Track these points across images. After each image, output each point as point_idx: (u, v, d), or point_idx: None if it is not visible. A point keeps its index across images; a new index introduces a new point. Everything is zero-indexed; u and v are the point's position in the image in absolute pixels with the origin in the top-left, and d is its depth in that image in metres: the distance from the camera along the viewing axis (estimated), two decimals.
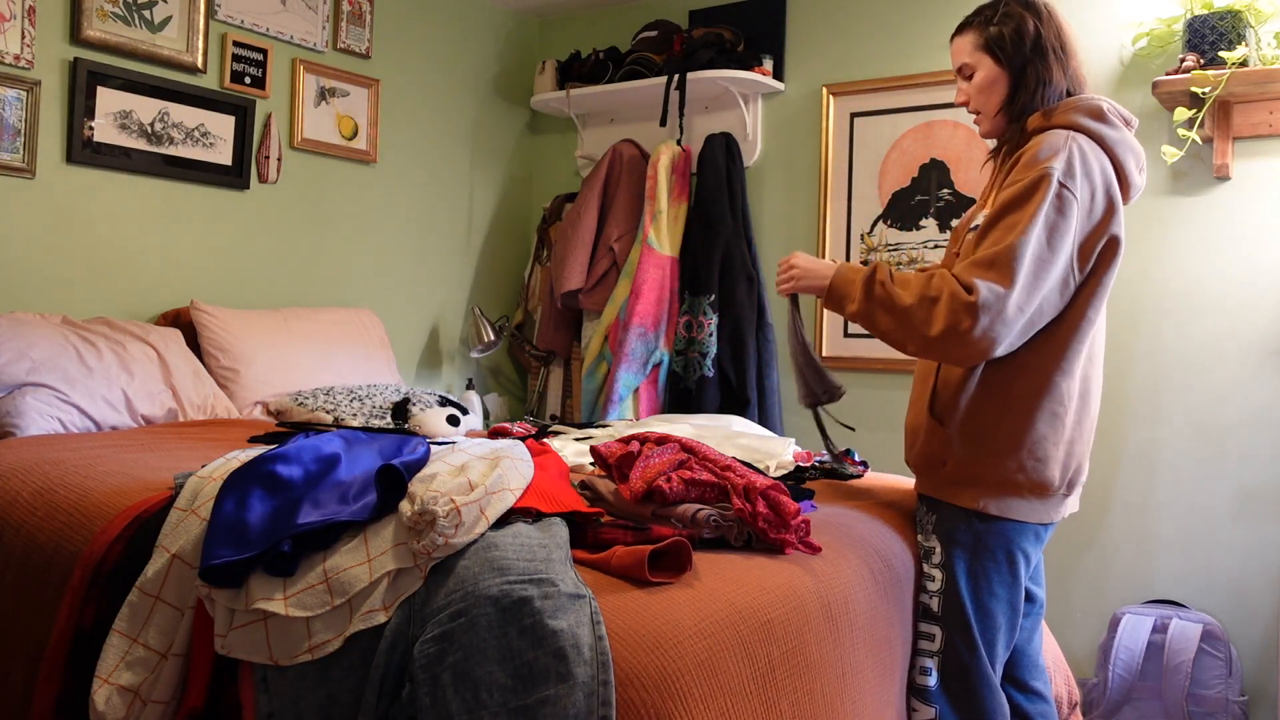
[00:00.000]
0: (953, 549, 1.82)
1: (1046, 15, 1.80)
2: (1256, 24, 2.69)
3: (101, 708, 1.42)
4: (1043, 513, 1.81)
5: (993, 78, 1.82)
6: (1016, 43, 1.78)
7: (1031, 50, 1.78)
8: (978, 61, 1.83)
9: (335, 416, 2.62)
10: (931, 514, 1.86)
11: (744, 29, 3.68)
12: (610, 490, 1.67)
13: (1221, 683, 2.66)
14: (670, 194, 3.62)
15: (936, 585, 1.83)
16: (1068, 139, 1.70)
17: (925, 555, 1.87)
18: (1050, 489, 1.78)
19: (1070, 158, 1.68)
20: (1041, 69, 1.78)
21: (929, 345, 1.68)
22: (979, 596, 1.81)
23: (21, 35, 2.68)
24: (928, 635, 1.83)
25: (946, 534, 1.83)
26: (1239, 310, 2.83)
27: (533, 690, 1.20)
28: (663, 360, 3.55)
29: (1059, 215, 1.65)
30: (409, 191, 3.79)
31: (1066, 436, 1.78)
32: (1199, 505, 2.88)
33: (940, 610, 1.82)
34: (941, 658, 1.81)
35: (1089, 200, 1.69)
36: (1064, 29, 1.81)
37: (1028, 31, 1.78)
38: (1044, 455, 1.76)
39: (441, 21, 3.90)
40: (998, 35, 1.80)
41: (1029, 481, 1.76)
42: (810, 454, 2.44)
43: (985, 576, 1.81)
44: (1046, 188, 1.65)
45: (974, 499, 1.79)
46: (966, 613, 1.80)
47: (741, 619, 1.37)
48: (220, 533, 1.42)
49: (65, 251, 2.81)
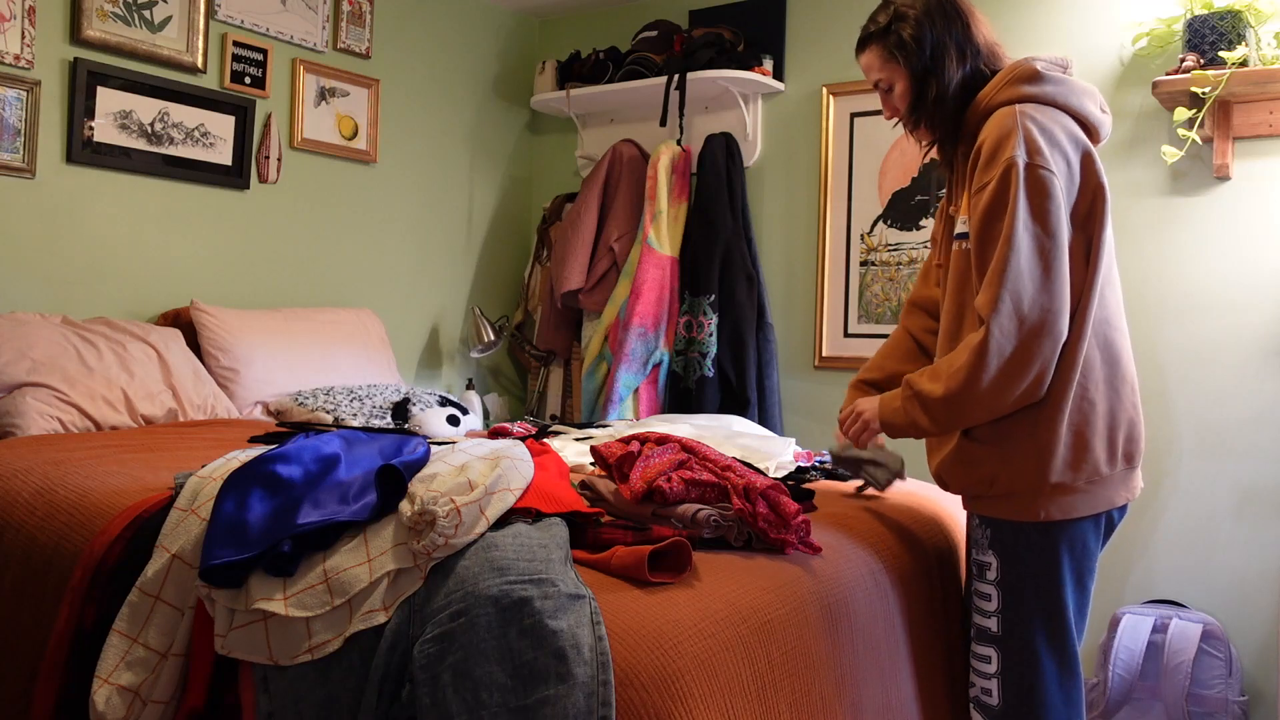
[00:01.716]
0: (1014, 565, 1.69)
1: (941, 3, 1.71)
2: (1256, 24, 2.69)
3: (101, 708, 1.42)
4: (1106, 498, 1.69)
5: (903, 89, 1.74)
6: (916, 41, 1.70)
7: (930, 44, 1.70)
8: (890, 74, 1.75)
9: (335, 416, 2.62)
10: (986, 528, 1.73)
11: (744, 29, 3.68)
12: (610, 490, 1.67)
13: (1221, 683, 2.66)
14: (670, 194, 3.62)
15: (993, 605, 1.71)
16: (1014, 116, 1.61)
17: (979, 571, 1.75)
18: (1102, 471, 1.66)
19: (1027, 133, 1.59)
20: (941, 62, 1.70)
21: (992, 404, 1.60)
22: (1046, 609, 1.68)
23: (21, 35, 2.68)
24: (984, 657, 1.73)
25: (1007, 549, 1.70)
26: (1239, 310, 2.83)
27: (533, 690, 1.20)
28: (663, 360, 3.55)
29: (1042, 197, 1.57)
30: (409, 191, 3.79)
31: (1103, 408, 1.66)
32: (1199, 505, 2.88)
33: (1000, 630, 1.71)
34: (1003, 680, 1.70)
35: (1065, 165, 1.62)
36: (957, 4, 1.72)
37: (919, 24, 1.70)
38: (1085, 436, 1.64)
39: (441, 21, 3.90)
40: (897, 41, 1.71)
41: (1080, 471, 1.65)
42: (810, 454, 2.44)
43: (1050, 585, 1.68)
44: (1016, 177, 1.57)
45: (1034, 511, 1.66)
46: (1032, 629, 1.68)
47: (741, 619, 1.37)
48: (220, 533, 1.42)
49: (65, 251, 2.82)
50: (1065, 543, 1.69)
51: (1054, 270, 1.57)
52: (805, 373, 3.59)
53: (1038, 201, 1.57)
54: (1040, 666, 1.69)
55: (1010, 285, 1.56)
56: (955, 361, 1.61)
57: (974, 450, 1.70)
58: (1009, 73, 1.69)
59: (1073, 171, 1.63)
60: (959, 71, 1.71)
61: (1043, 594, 1.69)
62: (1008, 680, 1.70)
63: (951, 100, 1.71)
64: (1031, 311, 1.56)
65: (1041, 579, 1.69)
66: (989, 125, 1.65)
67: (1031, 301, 1.56)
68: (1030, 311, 1.56)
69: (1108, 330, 1.71)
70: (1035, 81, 1.66)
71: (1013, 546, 1.70)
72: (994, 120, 1.64)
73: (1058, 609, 1.69)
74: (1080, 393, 1.64)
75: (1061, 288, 1.58)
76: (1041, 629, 1.69)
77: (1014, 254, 1.56)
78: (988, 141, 1.63)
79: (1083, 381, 1.65)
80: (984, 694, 1.74)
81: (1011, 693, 1.70)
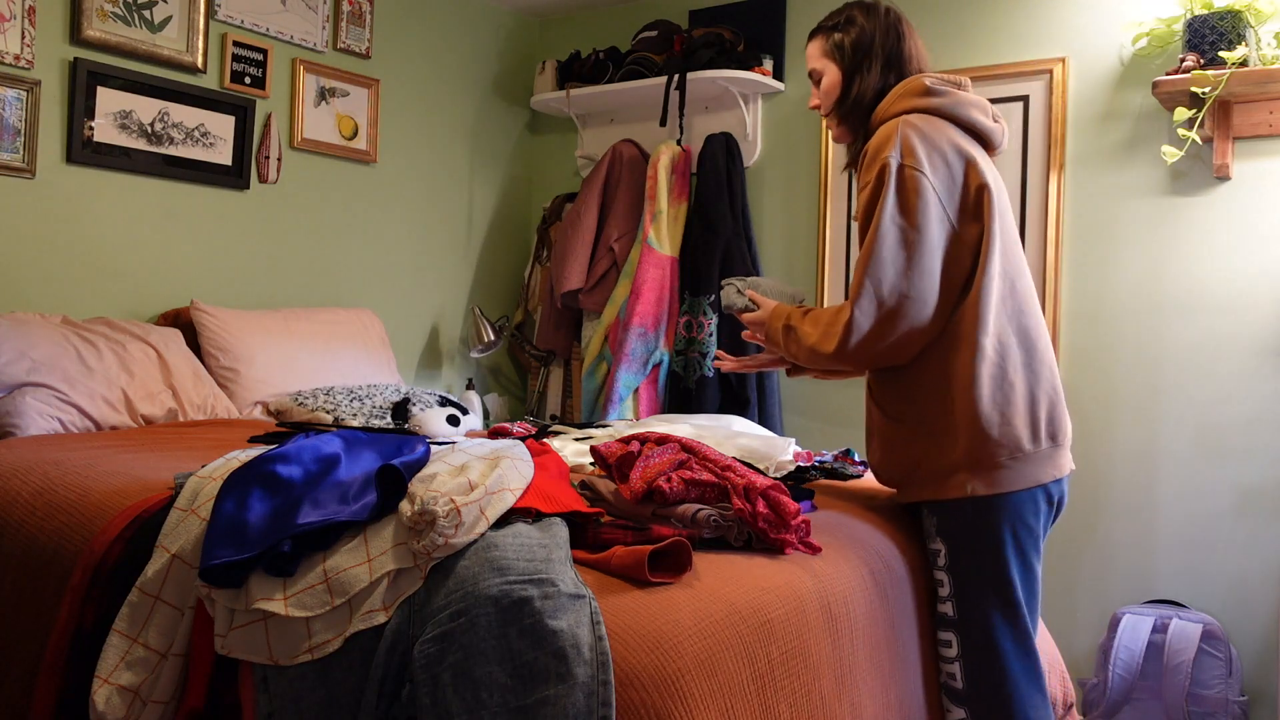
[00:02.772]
0: (955, 546, 1.80)
1: (883, 17, 1.90)
2: (1256, 24, 2.69)
3: (101, 708, 1.42)
4: (1032, 474, 1.77)
5: (834, 81, 1.93)
6: (855, 46, 1.89)
7: (864, 53, 1.89)
8: (824, 67, 1.94)
9: (335, 416, 2.62)
10: (933, 516, 1.85)
11: (744, 29, 3.68)
12: (610, 490, 1.67)
13: (1221, 683, 2.66)
14: (670, 194, 3.62)
15: (947, 590, 1.81)
16: (897, 125, 1.78)
17: (932, 559, 1.85)
18: (1025, 448, 1.76)
19: (904, 140, 1.75)
20: (866, 70, 1.89)
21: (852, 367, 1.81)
22: (995, 587, 1.78)
23: (21, 35, 2.68)
24: (945, 642, 1.81)
25: (948, 532, 1.81)
26: (1239, 310, 2.83)
27: (533, 690, 1.20)
28: (663, 360, 3.55)
29: (911, 193, 1.72)
30: (409, 191, 3.79)
31: (1021, 389, 1.77)
32: (1199, 505, 2.88)
33: (956, 614, 1.80)
34: (963, 663, 1.79)
35: (943, 164, 1.76)
36: (902, 29, 1.91)
37: (864, 34, 1.89)
38: (1006, 415, 1.75)
39: (441, 21, 3.90)
40: (839, 41, 1.91)
41: (1002, 447, 1.75)
42: (810, 454, 2.44)
43: (995, 564, 1.78)
44: (888, 176, 1.73)
45: (961, 486, 1.77)
46: (985, 609, 1.78)
47: (741, 619, 1.37)
48: (220, 533, 1.42)
49: (65, 251, 2.82)
50: (1003, 519, 1.78)
51: (916, 260, 1.72)
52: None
53: (905, 198, 1.73)
54: (999, 646, 1.77)
55: (873, 272, 1.72)
56: (825, 322, 1.79)
57: (895, 433, 1.85)
58: (901, 88, 1.86)
59: (954, 174, 1.77)
60: (880, 82, 1.89)
61: (988, 572, 1.79)
62: (968, 663, 1.79)
63: (866, 104, 1.90)
64: (890, 297, 1.72)
65: (985, 557, 1.78)
66: (877, 134, 1.82)
67: (891, 287, 1.72)
68: (889, 297, 1.72)
69: (1021, 318, 1.82)
70: (923, 94, 1.83)
71: (955, 529, 1.80)
72: (881, 129, 1.82)
73: (1006, 587, 1.78)
74: (1000, 374, 1.76)
75: (922, 277, 1.73)
76: (995, 609, 1.78)
77: (879, 244, 1.72)
78: (871, 147, 1.80)
79: (1000, 364, 1.77)
80: (950, 679, 1.81)
81: (974, 675, 1.78)
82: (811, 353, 1.82)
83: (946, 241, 1.75)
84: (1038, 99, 3.14)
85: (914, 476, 1.84)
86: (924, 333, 1.75)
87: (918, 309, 1.72)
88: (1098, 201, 3.05)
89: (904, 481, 1.88)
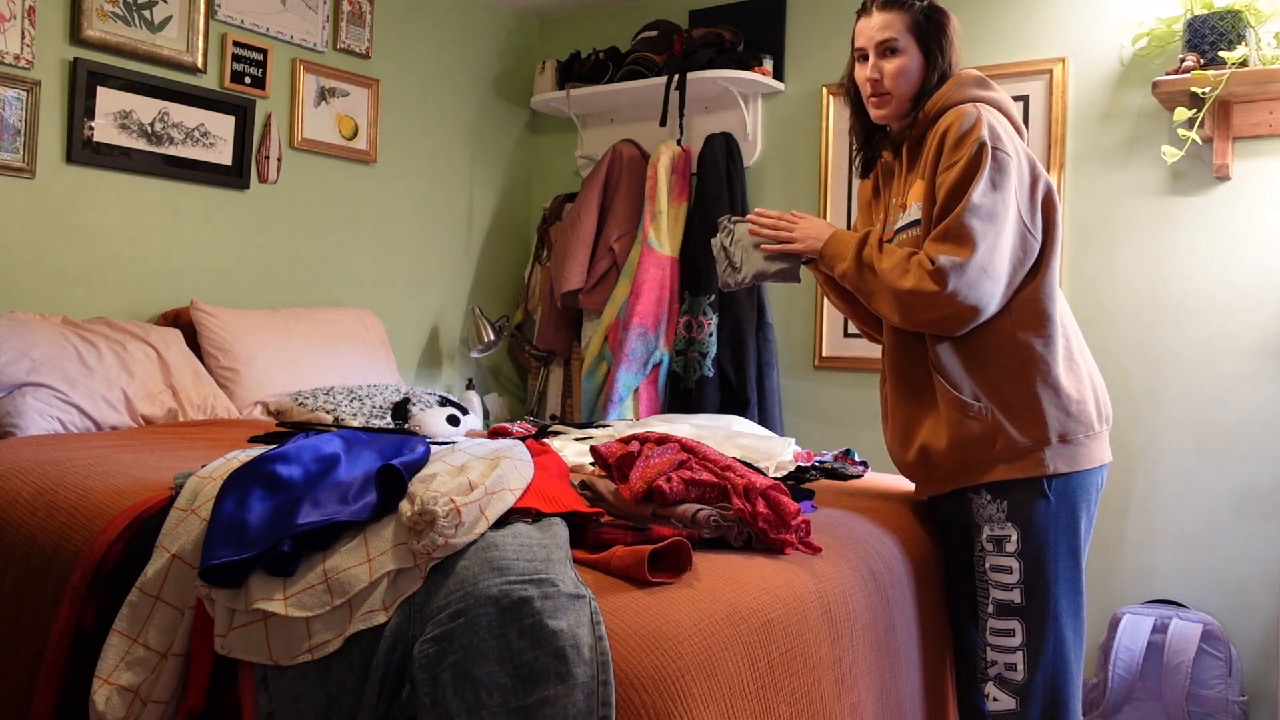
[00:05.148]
0: (1032, 528, 1.77)
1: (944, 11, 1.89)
2: (1256, 24, 2.69)
3: (101, 708, 1.42)
4: (1100, 453, 1.82)
5: (916, 60, 1.86)
6: (938, 29, 1.86)
7: (944, 35, 1.87)
8: (907, 45, 1.86)
9: (335, 416, 2.62)
10: (1000, 499, 1.79)
11: (744, 29, 3.68)
12: (610, 490, 1.67)
13: (1221, 683, 2.66)
14: (670, 194, 3.62)
15: (1015, 577, 1.78)
16: (977, 109, 1.78)
17: (996, 546, 1.80)
18: (1095, 426, 1.81)
19: (991, 126, 1.76)
20: (942, 54, 1.87)
21: (904, 305, 1.75)
22: (1067, 571, 1.78)
23: (21, 35, 2.68)
24: (1006, 631, 1.78)
25: (1025, 516, 1.77)
26: (1239, 310, 2.83)
27: (533, 690, 1.20)
28: (663, 360, 3.55)
29: (1000, 174, 1.73)
30: (409, 191, 3.79)
31: (1085, 371, 1.83)
32: (1199, 505, 2.88)
33: (1024, 600, 1.78)
34: (1028, 651, 1.77)
35: (1018, 157, 1.78)
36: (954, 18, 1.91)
37: (943, 20, 1.87)
38: (1081, 393, 1.79)
39: (441, 21, 3.90)
40: (925, 22, 1.86)
41: (1080, 424, 1.77)
42: (810, 454, 2.44)
43: (1070, 545, 1.78)
44: (985, 155, 1.72)
45: (1041, 464, 1.75)
46: (1055, 595, 1.77)
47: (741, 619, 1.37)
48: (220, 533, 1.42)
49: (65, 251, 2.82)
50: (1080, 498, 1.79)
51: (1000, 239, 1.72)
52: (805, 373, 3.59)
53: (996, 178, 1.73)
54: (1062, 632, 1.78)
55: (970, 235, 1.69)
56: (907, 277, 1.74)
57: (967, 413, 1.79)
58: (959, 78, 1.86)
59: (1022, 163, 1.79)
60: (945, 69, 1.88)
61: (1063, 555, 1.78)
62: (1032, 650, 1.78)
63: (934, 88, 1.86)
64: (975, 267, 1.69)
65: (1062, 539, 1.78)
66: (949, 116, 1.80)
67: (979, 259, 1.70)
68: (974, 266, 1.69)
69: (1067, 308, 1.89)
70: (985, 87, 1.86)
71: (1033, 511, 1.77)
72: (955, 112, 1.80)
73: (1075, 570, 1.79)
74: (1069, 355, 1.80)
75: (999, 255, 1.72)
76: (1064, 594, 1.78)
77: (971, 214, 1.70)
78: (953, 129, 1.77)
79: (1068, 346, 1.81)
80: (1007, 669, 1.79)
81: (1037, 662, 1.77)
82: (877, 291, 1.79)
83: (1017, 228, 1.76)
84: (1038, 99, 3.14)
85: (986, 457, 1.78)
86: (988, 312, 1.74)
87: (992, 286, 1.72)
88: (1098, 201, 3.05)
89: (974, 464, 1.80)
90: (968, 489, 1.84)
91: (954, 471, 1.83)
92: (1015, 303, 1.78)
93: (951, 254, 1.69)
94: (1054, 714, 1.78)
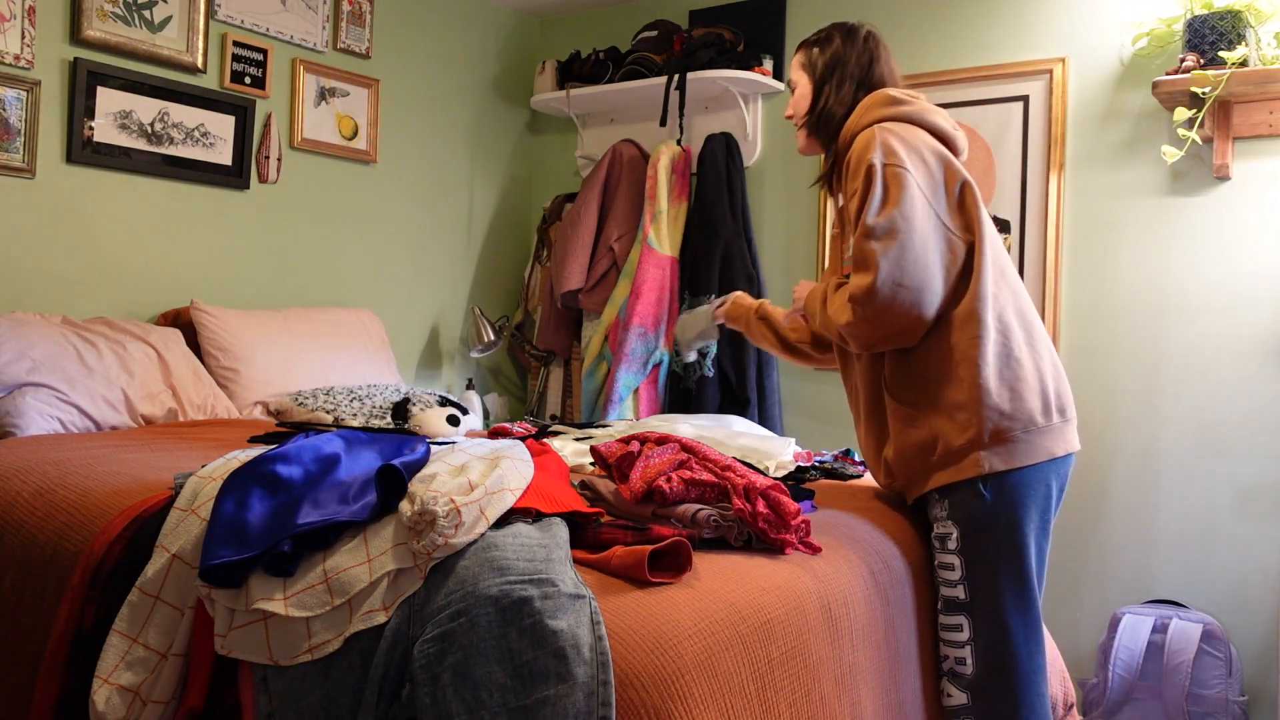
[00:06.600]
0: (969, 527, 1.81)
1: (860, 39, 2.00)
2: (1256, 24, 2.69)
3: (101, 708, 1.42)
4: (1046, 447, 1.81)
5: (805, 93, 2.03)
6: (829, 62, 2.00)
7: (836, 69, 1.99)
8: (799, 79, 2.05)
9: (335, 416, 2.62)
10: (943, 499, 1.84)
11: (744, 29, 3.68)
12: (610, 490, 1.67)
13: (1221, 683, 2.66)
14: (670, 194, 3.62)
15: (957, 573, 1.82)
16: (875, 132, 1.85)
17: (940, 544, 1.85)
18: (1038, 421, 1.81)
19: (884, 143, 1.81)
20: (837, 86, 1.98)
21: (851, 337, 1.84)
22: (1009, 567, 1.79)
23: (21, 35, 2.68)
24: (954, 626, 1.82)
25: (963, 515, 1.81)
26: (1239, 310, 2.83)
27: (533, 690, 1.20)
28: (663, 360, 3.55)
29: (895, 189, 1.78)
30: (409, 191, 3.79)
31: (1029, 365, 1.83)
32: (1199, 505, 2.88)
33: (968, 596, 1.80)
34: (974, 645, 1.80)
35: (923, 164, 1.82)
36: (877, 52, 2.01)
37: (840, 52, 1.99)
38: (1017, 390, 1.80)
39: (441, 21, 3.90)
40: (816, 56, 2.02)
41: (1016, 421, 1.78)
42: (810, 454, 2.44)
43: (1010, 541, 1.79)
44: (875, 175, 1.79)
45: (976, 465, 1.78)
46: (998, 590, 1.79)
47: (741, 619, 1.37)
48: (220, 533, 1.42)
49: (65, 251, 2.82)
50: (1018, 496, 1.80)
51: (907, 249, 1.76)
52: (805, 373, 3.59)
53: (892, 193, 1.78)
54: (1010, 628, 1.79)
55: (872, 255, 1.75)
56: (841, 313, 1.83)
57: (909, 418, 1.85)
58: (868, 100, 1.94)
59: (931, 168, 1.83)
60: (850, 100, 1.98)
61: (1003, 551, 1.81)
62: (979, 645, 1.80)
63: (836, 120, 1.98)
64: (885, 285, 1.74)
65: (1000, 536, 1.80)
66: (856, 142, 1.89)
67: (886, 275, 1.74)
68: (883, 285, 1.74)
69: (1017, 301, 1.89)
70: (891, 104, 1.91)
71: (971, 510, 1.81)
72: (859, 139, 1.88)
73: (1020, 566, 1.81)
74: (1005, 351, 1.82)
75: (915, 265, 1.76)
76: (1008, 589, 1.80)
77: (872, 235, 1.76)
78: (853, 157, 1.87)
79: (1005, 342, 1.82)
80: (958, 664, 1.82)
81: (984, 657, 1.80)
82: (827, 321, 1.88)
83: (935, 232, 1.80)
84: (1038, 99, 3.14)
85: (927, 464, 1.84)
86: (924, 319, 1.79)
87: (914, 295, 1.76)
88: (1098, 201, 3.05)
89: (918, 471, 1.87)
90: (925, 494, 1.89)
91: (909, 480, 1.90)
92: (945, 308, 1.82)
93: (860, 280, 1.77)
94: (1008, 710, 1.79)
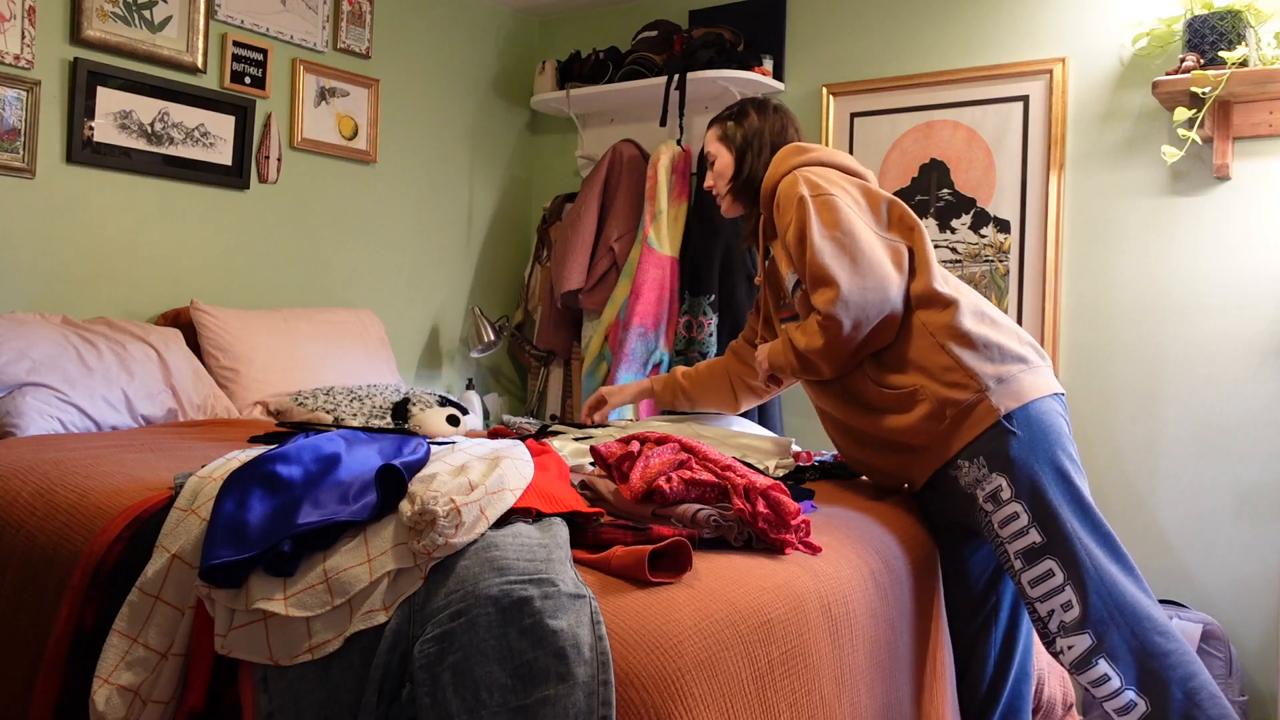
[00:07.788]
0: (1015, 467, 1.81)
1: (771, 112, 2.22)
2: (1256, 24, 2.69)
3: (101, 708, 1.42)
4: (1045, 383, 1.89)
5: (727, 164, 2.23)
6: (746, 135, 2.21)
7: (753, 140, 2.19)
8: (718, 152, 2.26)
9: (335, 416, 2.62)
10: (976, 458, 1.84)
11: (744, 29, 3.68)
12: (610, 490, 1.67)
13: (1221, 683, 2.66)
14: (670, 194, 3.62)
15: (1024, 518, 1.80)
16: (795, 175, 2.01)
17: (994, 502, 1.82)
18: (1030, 358, 1.90)
19: (806, 180, 1.97)
20: (756, 155, 2.19)
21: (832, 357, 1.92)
22: (1066, 492, 1.80)
23: (21, 35, 2.68)
24: (1042, 575, 1.78)
25: (1004, 459, 1.81)
26: (1239, 310, 2.83)
27: (533, 690, 1.20)
28: (663, 360, 3.55)
29: (828, 211, 1.92)
30: (409, 191, 3.79)
31: (1000, 316, 1.95)
32: (1199, 505, 2.88)
33: (1044, 536, 1.79)
34: (1072, 581, 1.77)
35: (845, 191, 1.98)
36: (785, 122, 2.22)
37: (754, 124, 2.20)
38: (998, 336, 1.89)
39: (441, 21, 3.90)
40: (733, 130, 2.23)
41: (1010, 360, 1.86)
42: (810, 454, 2.44)
43: (1055, 470, 1.81)
44: (807, 206, 1.94)
45: (992, 409, 1.82)
46: (1066, 518, 1.79)
47: (741, 619, 1.37)
48: (220, 533, 1.42)
49: (65, 251, 2.82)
50: (1044, 426, 1.84)
51: (857, 256, 1.89)
52: None
53: (826, 215, 1.92)
54: (1092, 550, 1.78)
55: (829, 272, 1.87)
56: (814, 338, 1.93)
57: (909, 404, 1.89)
58: (780, 154, 2.12)
59: (854, 195, 1.99)
60: (768, 161, 2.16)
61: (1055, 481, 1.81)
62: (1075, 579, 1.77)
63: (757, 180, 2.18)
64: (850, 294, 1.86)
65: (1045, 468, 1.82)
66: (780, 188, 2.04)
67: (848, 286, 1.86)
68: (849, 294, 1.86)
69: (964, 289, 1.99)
70: (800, 153, 2.08)
71: (1010, 451, 1.82)
72: (781, 185, 2.05)
73: (1074, 492, 1.82)
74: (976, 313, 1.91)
75: (871, 267, 1.88)
76: (1074, 516, 1.80)
77: (820, 258, 1.88)
78: (780, 199, 2.02)
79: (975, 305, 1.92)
80: (1063, 610, 1.78)
81: (1089, 585, 1.77)
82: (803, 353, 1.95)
83: (875, 239, 1.93)
84: (1038, 99, 3.14)
85: (942, 430, 1.86)
86: (895, 313, 1.90)
87: (879, 293, 1.87)
88: (1098, 201, 3.05)
89: (937, 441, 1.87)
90: (945, 468, 1.89)
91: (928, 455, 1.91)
92: (907, 300, 1.92)
93: (826, 296, 1.87)
94: (1134, 631, 1.75)
